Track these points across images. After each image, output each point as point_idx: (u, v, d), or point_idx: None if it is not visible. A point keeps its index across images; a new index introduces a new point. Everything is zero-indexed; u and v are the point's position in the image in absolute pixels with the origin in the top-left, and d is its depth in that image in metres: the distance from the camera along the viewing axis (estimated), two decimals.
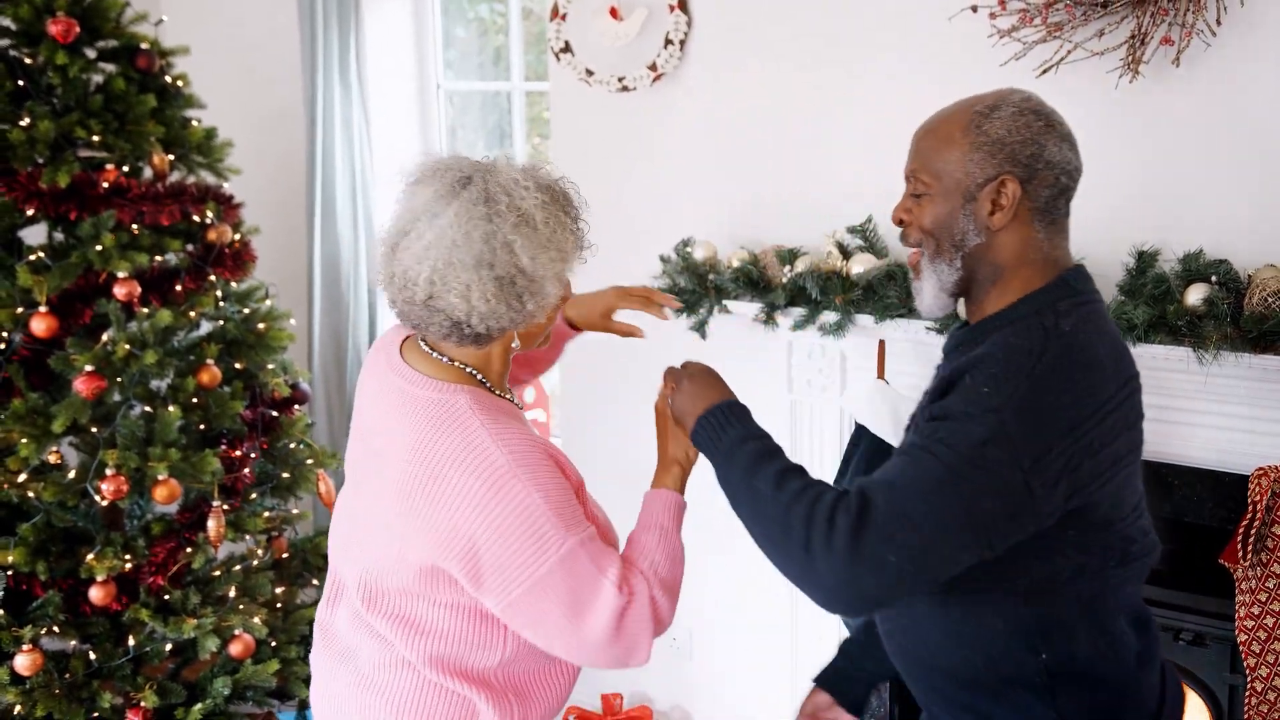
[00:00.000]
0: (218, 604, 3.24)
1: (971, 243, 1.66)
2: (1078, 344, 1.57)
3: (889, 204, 2.96)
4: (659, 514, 1.88)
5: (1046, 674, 1.66)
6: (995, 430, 1.49)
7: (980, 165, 1.63)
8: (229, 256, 3.39)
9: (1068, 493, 1.53)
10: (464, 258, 1.68)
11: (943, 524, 1.48)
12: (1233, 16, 2.47)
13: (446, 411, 1.73)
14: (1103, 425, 1.55)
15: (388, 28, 4.07)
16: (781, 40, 3.09)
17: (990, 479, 1.49)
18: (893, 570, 1.48)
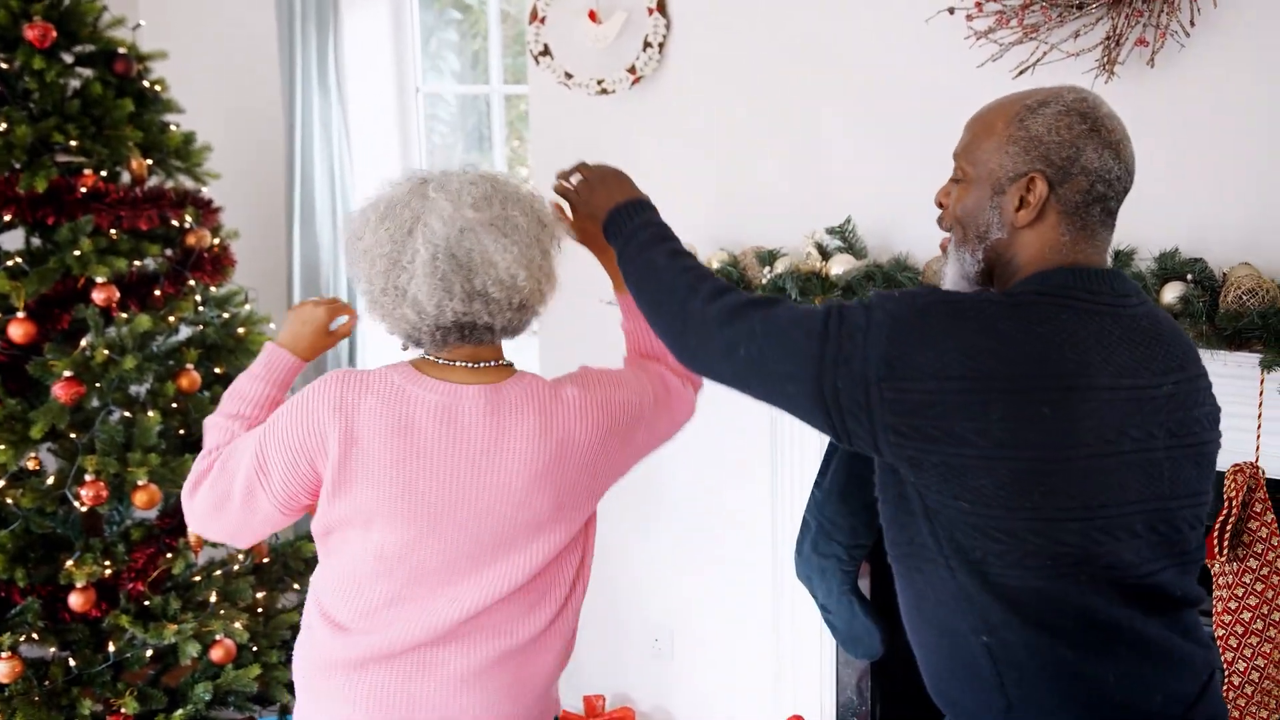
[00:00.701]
0: (198, 609, 3.23)
1: (994, 236, 1.64)
2: (990, 309, 1.53)
3: (868, 205, 2.99)
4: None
5: (990, 659, 1.58)
6: (873, 326, 1.52)
7: (1014, 159, 1.61)
8: (208, 261, 3.39)
9: (908, 429, 1.50)
10: (535, 248, 1.83)
11: (790, 357, 1.57)
12: (1206, 18, 2.50)
13: (547, 385, 1.89)
14: (983, 395, 1.47)
15: (366, 31, 4.07)
16: (760, 42, 3.10)
17: (843, 353, 1.53)
18: (739, 364, 1.63)
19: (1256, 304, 2.37)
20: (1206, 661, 1.63)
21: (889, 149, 2.95)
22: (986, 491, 1.49)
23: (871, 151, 2.98)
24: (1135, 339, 1.57)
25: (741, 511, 3.39)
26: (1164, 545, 1.58)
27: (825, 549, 2.84)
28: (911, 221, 2.93)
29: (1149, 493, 1.56)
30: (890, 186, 2.96)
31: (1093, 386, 1.51)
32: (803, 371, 1.56)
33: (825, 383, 1.54)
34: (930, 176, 2.90)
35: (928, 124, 2.90)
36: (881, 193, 2.97)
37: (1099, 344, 1.54)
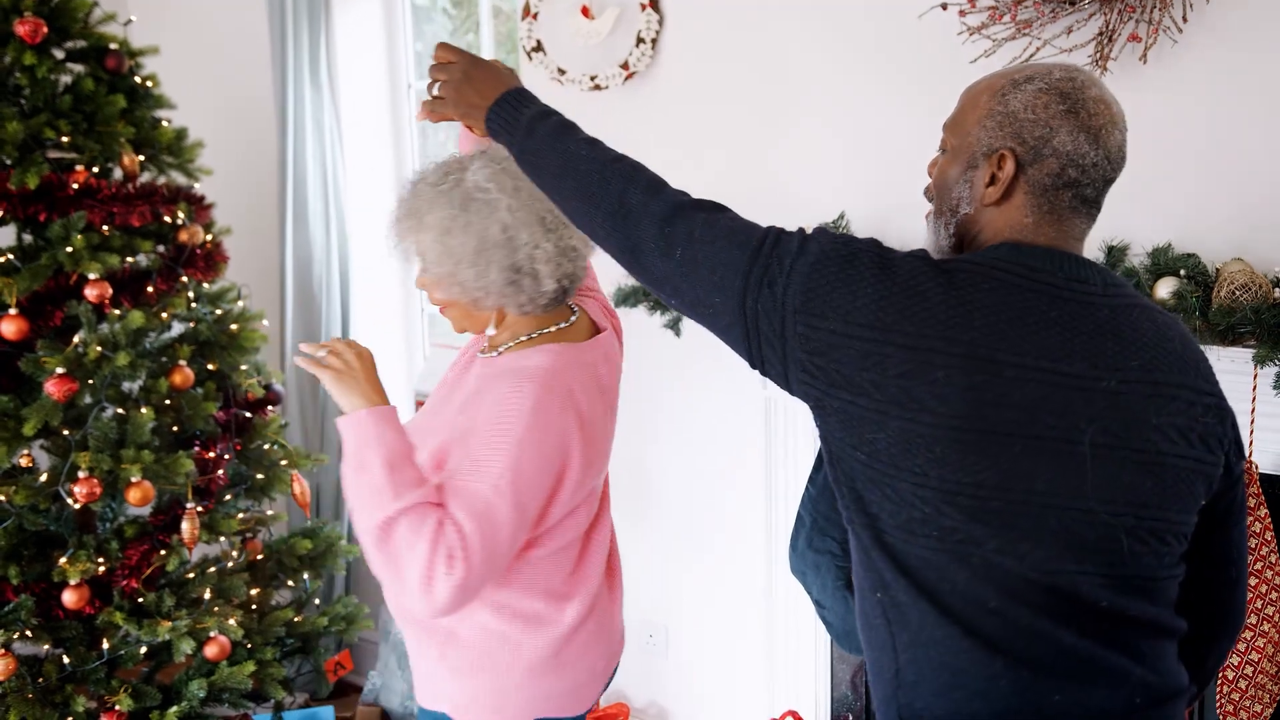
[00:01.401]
0: (192, 606, 3.22)
1: (963, 211, 1.60)
2: (918, 268, 1.49)
3: (861, 199, 3.00)
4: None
5: (884, 618, 1.55)
6: (799, 259, 1.50)
7: (989, 134, 1.56)
8: (201, 257, 3.38)
9: (816, 369, 1.48)
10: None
11: (722, 260, 1.53)
12: (1199, 13, 2.50)
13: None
14: (880, 349, 1.45)
15: (358, 27, 4.06)
16: (753, 38, 3.10)
17: (768, 276, 1.50)
18: (673, 275, 1.56)
19: (1249, 299, 2.37)
20: (1146, 684, 1.52)
21: (883, 145, 2.96)
22: (879, 446, 1.47)
23: (865, 148, 2.98)
24: (1080, 326, 1.50)
25: (735, 507, 3.40)
26: (1087, 550, 1.48)
27: (820, 544, 2.85)
28: (905, 218, 2.93)
29: (1065, 487, 1.46)
30: (884, 183, 2.96)
31: (996, 360, 1.45)
32: (729, 284, 1.52)
33: (748, 300, 1.51)
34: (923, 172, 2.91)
35: (921, 120, 2.90)
36: (874, 188, 2.97)
37: (1020, 320, 1.47)
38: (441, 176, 1.97)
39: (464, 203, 1.93)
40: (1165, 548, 1.53)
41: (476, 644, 2.02)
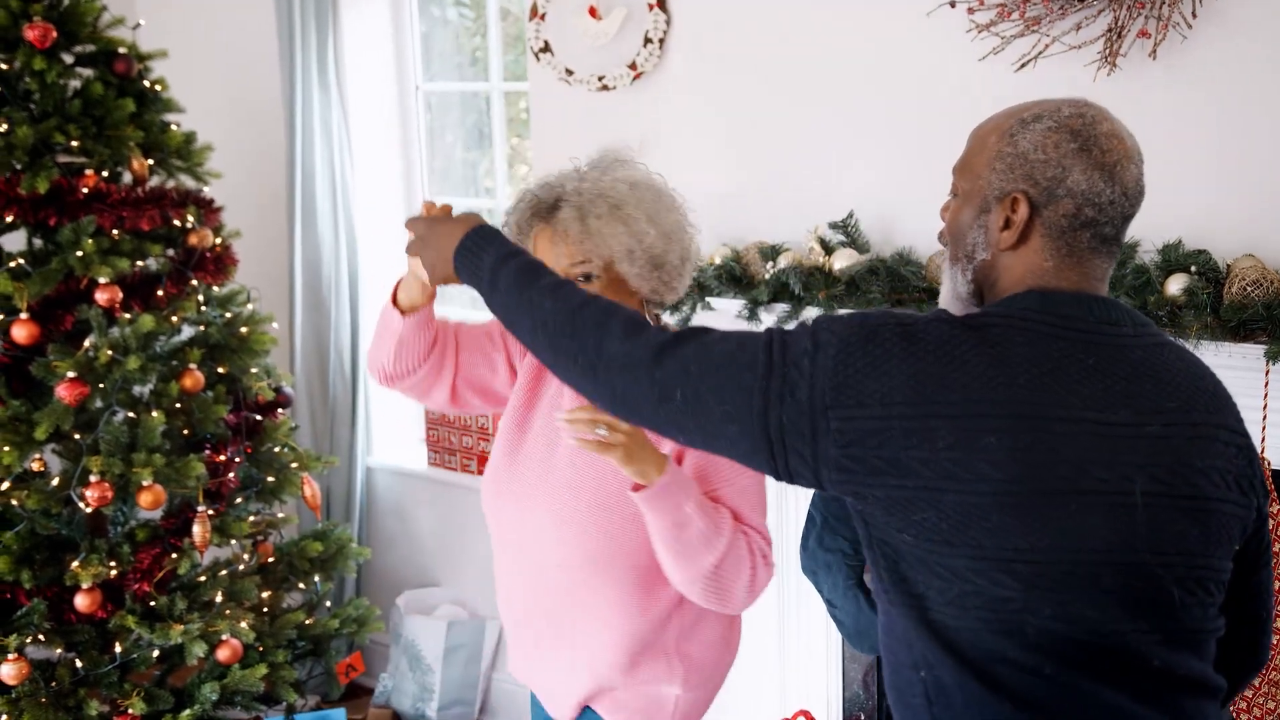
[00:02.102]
0: (204, 609, 3.23)
1: (979, 257, 1.54)
2: (944, 332, 1.43)
3: (870, 199, 2.99)
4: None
5: (926, 698, 1.49)
6: (821, 349, 1.43)
7: (1000, 176, 1.51)
8: (210, 261, 3.39)
9: (854, 459, 1.41)
10: None
11: (730, 393, 1.45)
12: (1208, 9, 2.49)
13: None
14: (926, 424, 1.38)
15: (366, 29, 4.07)
16: (761, 37, 3.10)
17: (789, 386, 1.43)
18: (673, 410, 1.48)
19: (1261, 295, 2.37)
20: None
21: (891, 143, 2.95)
22: (929, 524, 1.40)
23: (873, 145, 2.98)
24: (1116, 371, 1.44)
25: None
26: (1142, 606, 1.42)
27: (830, 544, 2.84)
28: (914, 215, 2.93)
29: (1119, 542, 1.40)
30: (892, 180, 2.96)
31: (1044, 416, 1.39)
32: (745, 409, 1.44)
33: (771, 418, 1.43)
34: (932, 170, 2.90)
35: (930, 117, 2.89)
36: (884, 186, 2.97)
37: (1059, 372, 1.41)
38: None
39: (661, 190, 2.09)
40: (1209, 598, 1.48)
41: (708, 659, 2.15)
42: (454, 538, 4.13)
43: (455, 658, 3.97)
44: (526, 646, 2.17)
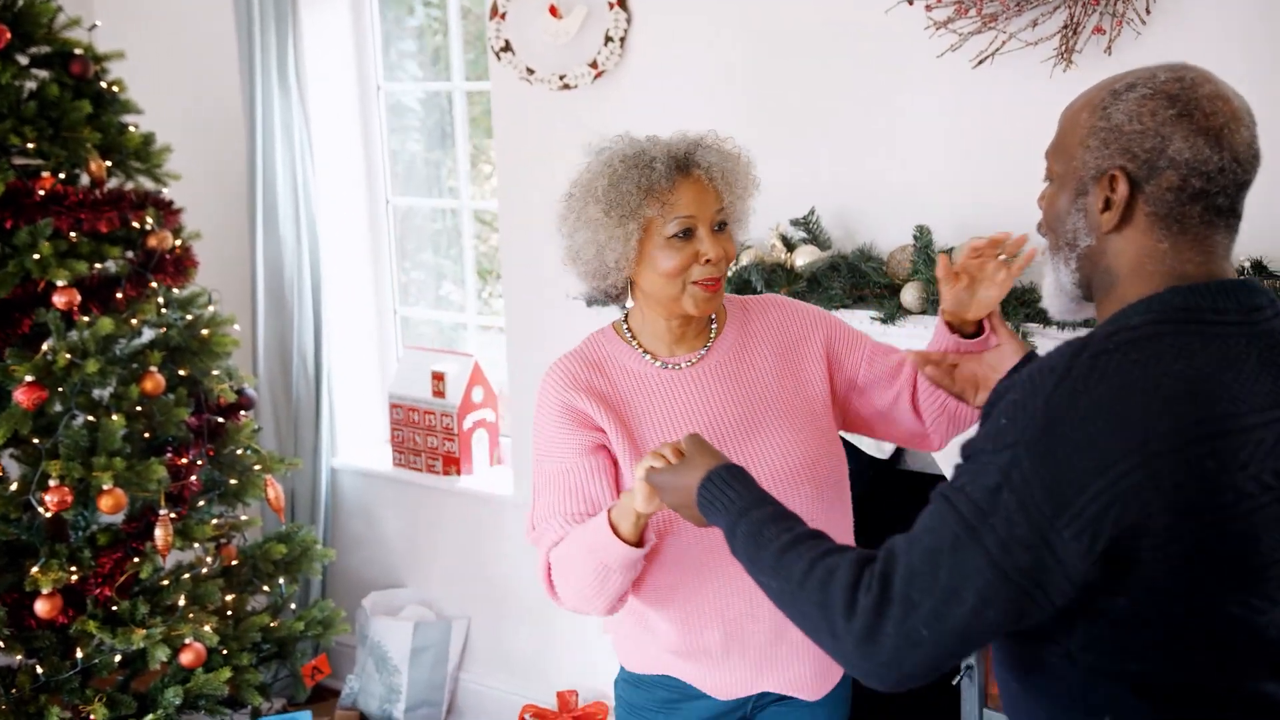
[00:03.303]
0: (167, 613, 3.20)
1: (1083, 243, 1.44)
2: (1112, 365, 1.31)
3: (831, 196, 3.01)
4: (591, 525, 1.88)
5: None
6: (1008, 470, 1.29)
7: (1095, 154, 1.41)
8: (170, 263, 3.36)
9: (1102, 544, 1.28)
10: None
11: (964, 589, 1.30)
12: (1161, 6, 2.52)
13: None
14: (1149, 467, 1.27)
15: (326, 29, 4.05)
16: (721, 34, 3.11)
17: (1007, 531, 1.28)
18: (928, 645, 1.33)
19: None
20: None
21: (852, 139, 2.97)
22: (1156, 581, 1.30)
23: (834, 142, 2.99)
24: (1274, 360, 1.34)
25: None
26: None
27: None
28: (874, 211, 2.95)
29: None
30: (853, 176, 2.97)
31: (1243, 426, 1.29)
32: (987, 589, 1.30)
33: (1012, 579, 1.29)
34: (892, 166, 2.93)
35: (890, 113, 2.91)
36: (845, 183, 2.98)
37: (1237, 373, 1.31)
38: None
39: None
40: None
41: None
42: (420, 538, 4.12)
43: (422, 659, 3.96)
44: (756, 653, 2.03)
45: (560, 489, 1.95)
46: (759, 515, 1.55)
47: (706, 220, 1.90)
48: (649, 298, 1.97)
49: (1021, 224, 2.73)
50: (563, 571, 1.91)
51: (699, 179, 1.91)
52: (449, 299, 4.36)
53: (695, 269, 1.90)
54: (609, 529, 1.82)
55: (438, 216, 4.30)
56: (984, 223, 2.79)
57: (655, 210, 1.88)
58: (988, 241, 1.91)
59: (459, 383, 3.94)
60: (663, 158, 1.90)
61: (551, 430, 1.97)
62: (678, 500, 1.69)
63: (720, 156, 1.94)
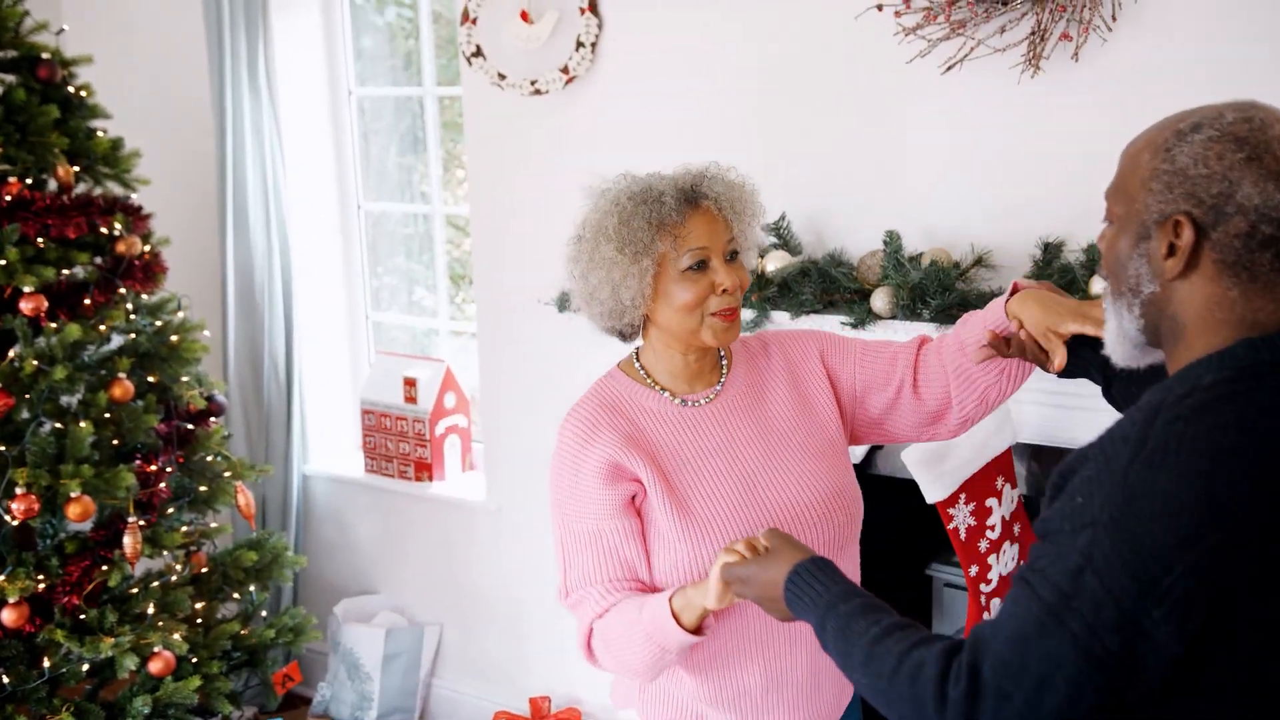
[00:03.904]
0: (135, 622, 3.18)
1: (1147, 290, 1.38)
2: (1189, 432, 1.26)
3: (801, 201, 3.01)
4: (649, 611, 1.82)
5: None
6: (1089, 552, 1.25)
7: (1157, 198, 1.35)
8: (139, 268, 3.35)
9: (1196, 622, 1.24)
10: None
11: (1054, 677, 1.26)
12: (1127, 12, 2.54)
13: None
14: (1237, 537, 1.23)
15: (297, 34, 4.03)
16: (692, 40, 3.11)
17: (1093, 615, 1.24)
18: (1023, 696, 1.28)
19: None
20: None
21: (822, 145, 2.98)
22: (1256, 651, 1.28)
23: (804, 147, 3.00)
24: None
25: None
26: None
27: None
28: (845, 217, 2.96)
29: None
30: (824, 182, 2.98)
31: None
32: (1079, 676, 1.26)
33: (1103, 664, 1.25)
34: (862, 172, 2.94)
35: (860, 119, 2.92)
36: (815, 188, 2.99)
37: None
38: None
39: None
40: None
41: None
42: (392, 545, 4.11)
43: (394, 665, 3.94)
44: (794, 691, 2.00)
45: (596, 552, 1.90)
46: (846, 609, 1.50)
47: (719, 251, 1.89)
48: (666, 332, 1.94)
49: (988, 226, 2.76)
50: (611, 646, 1.88)
51: (708, 210, 1.90)
52: (422, 304, 4.35)
53: (712, 300, 1.89)
54: (670, 617, 1.78)
55: (410, 221, 4.29)
56: (953, 227, 2.81)
57: (668, 245, 1.87)
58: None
59: (431, 388, 3.93)
60: (671, 191, 1.89)
61: (583, 486, 1.91)
62: (761, 594, 1.64)
63: (726, 186, 1.93)
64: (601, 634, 1.88)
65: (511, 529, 3.77)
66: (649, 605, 1.82)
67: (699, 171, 1.95)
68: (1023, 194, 2.72)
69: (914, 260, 2.74)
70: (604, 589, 1.89)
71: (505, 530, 3.79)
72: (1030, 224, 2.69)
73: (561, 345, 3.45)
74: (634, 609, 1.84)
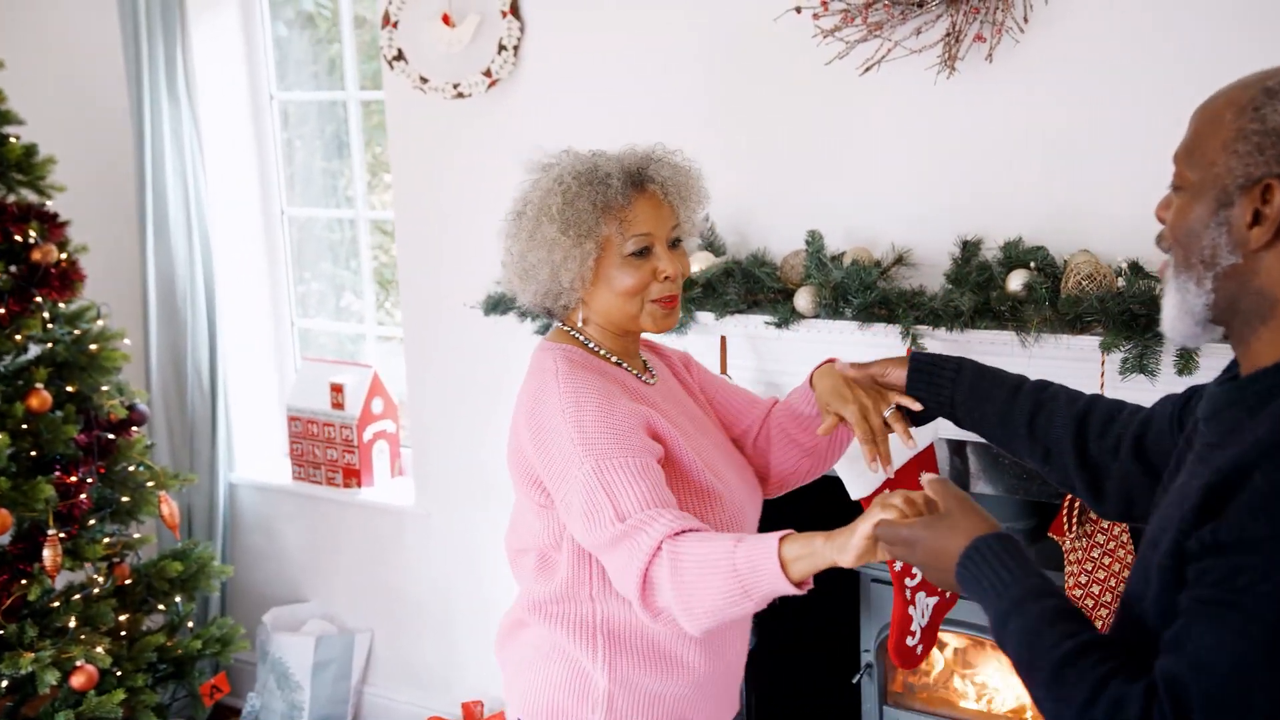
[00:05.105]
0: (57, 636, 3.13)
1: (1225, 262, 1.28)
2: None
3: (725, 202, 3.03)
4: (748, 549, 1.62)
5: None
6: (1250, 574, 1.15)
7: (1244, 161, 1.25)
8: (55, 277, 3.29)
9: None
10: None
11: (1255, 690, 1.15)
12: (1038, 14, 2.59)
13: (536, 360, 1.92)
14: None
15: (216, 38, 3.99)
16: (614, 42, 3.12)
17: None
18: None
19: (1095, 289, 2.46)
20: None
21: (744, 146, 3.00)
22: None
23: (727, 149, 3.02)
24: None
25: None
26: None
27: None
28: (768, 217, 2.98)
29: None
30: (746, 183, 3.00)
31: None
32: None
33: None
34: (784, 173, 2.96)
35: (780, 120, 2.95)
36: (738, 189, 3.01)
37: None
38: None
39: None
40: None
41: None
42: (321, 552, 4.07)
43: (324, 674, 3.91)
44: (738, 659, 2.02)
45: (650, 483, 1.73)
46: (1036, 610, 1.33)
47: (663, 237, 1.88)
48: (602, 315, 1.90)
49: (908, 225, 2.80)
50: (682, 572, 1.64)
51: (655, 195, 1.88)
52: (350, 310, 4.32)
53: (654, 286, 1.87)
54: (774, 560, 1.58)
55: (336, 227, 4.26)
56: (874, 226, 2.84)
57: (613, 229, 1.84)
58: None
59: (358, 394, 3.91)
60: (617, 173, 1.85)
61: (623, 430, 1.77)
62: (926, 561, 1.45)
63: (673, 170, 1.91)
64: (673, 557, 1.65)
65: (441, 534, 3.75)
66: (748, 542, 1.62)
67: (645, 153, 1.92)
68: (941, 193, 2.77)
69: (836, 260, 2.77)
70: (675, 513, 1.70)
71: (435, 535, 3.77)
72: (949, 222, 2.73)
73: (488, 349, 3.44)
74: (727, 539, 1.64)
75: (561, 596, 1.90)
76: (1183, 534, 1.24)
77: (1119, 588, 2.55)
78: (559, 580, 1.89)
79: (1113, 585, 2.55)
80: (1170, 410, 1.61)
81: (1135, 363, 2.41)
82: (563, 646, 1.91)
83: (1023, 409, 1.77)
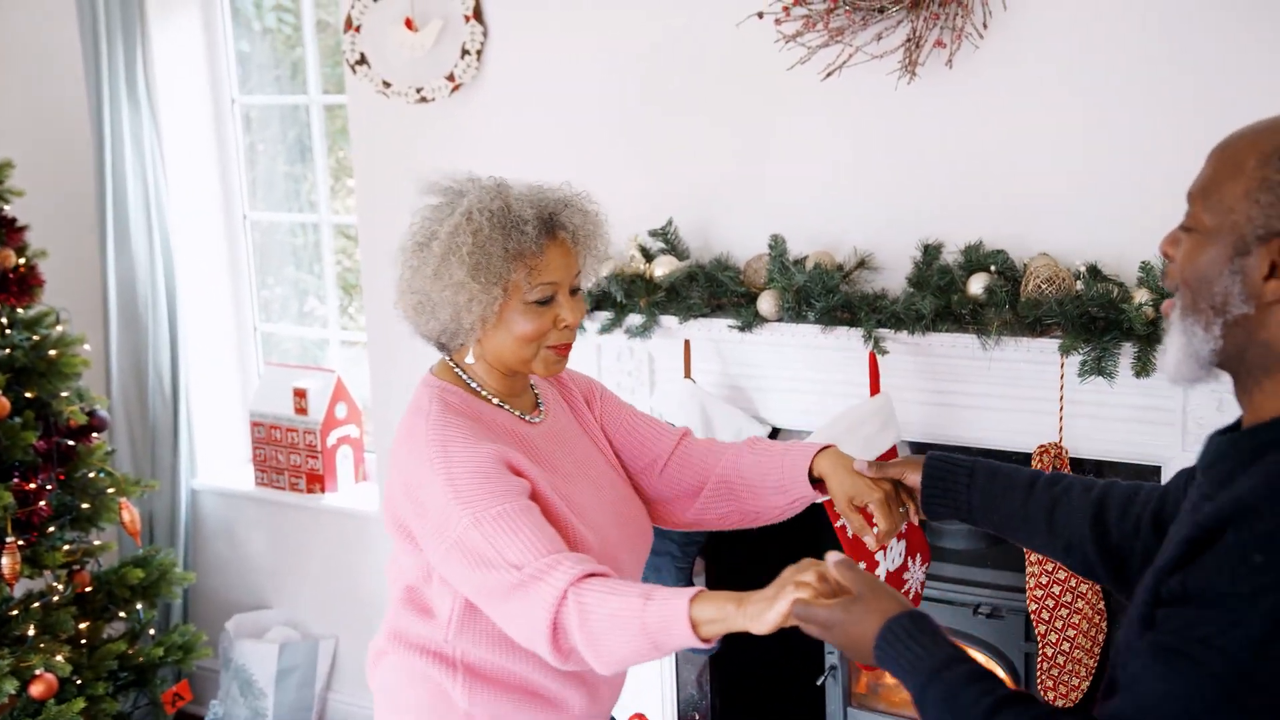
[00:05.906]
0: (15, 644, 3.10)
1: (1236, 311, 1.25)
2: None
3: (688, 206, 3.04)
4: (657, 609, 1.62)
5: None
6: (1278, 619, 1.12)
7: (1265, 212, 1.21)
8: (14, 282, 3.27)
9: None
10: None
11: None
12: (997, 20, 2.61)
13: (415, 396, 1.95)
14: None
15: (177, 41, 3.97)
16: (577, 47, 3.12)
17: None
18: None
19: (1054, 292, 2.49)
20: None
21: (707, 150, 3.01)
22: None
23: (690, 154, 3.03)
24: None
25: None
26: None
27: (659, 546, 2.88)
28: (729, 222, 2.99)
29: None
30: (709, 187, 3.02)
31: None
32: None
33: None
34: (747, 177, 2.98)
35: (744, 125, 2.96)
36: (701, 193, 3.02)
37: None
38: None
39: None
40: None
41: None
42: (285, 558, 4.05)
43: (288, 681, 3.89)
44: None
45: (532, 525, 1.73)
46: (952, 677, 1.35)
47: (566, 285, 1.86)
48: (493, 356, 1.88)
49: (870, 229, 2.82)
50: (591, 624, 1.65)
51: (564, 242, 1.86)
52: (314, 315, 4.30)
53: (552, 334, 1.85)
54: (684, 622, 1.59)
55: (299, 231, 4.24)
56: (836, 230, 2.86)
57: (521, 275, 1.82)
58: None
59: (321, 399, 3.89)
60: (532, 220, 1.82)
61: (491, 475, 1.77)
62: (844, 644, 1.49)
63: (584, 218, 1.89)
64: (580, 607, 1.64)
65: None
66: (657, 601, 1.62)
67: (559, 198, 1.88)
68: (902, 197, 2.79)
69: (799, 263, 2.78)
70: (570, 557, 1.70)
71: None
72: (911, 226, 2.75)
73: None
74: (636, 596, 1.63)
75: (425, 634, 1.91)
76: (1158, 580, 1.25)
77: (1079, 588, 2.57)
78: (426, 616, 1.91)
79: (1073, 585, 2.57)
80: (1184, 481, 1.60)
81: (1094, 365, 2.44)
82: (425, 671, 1.92)
83: (1039, 505, 1.76)
